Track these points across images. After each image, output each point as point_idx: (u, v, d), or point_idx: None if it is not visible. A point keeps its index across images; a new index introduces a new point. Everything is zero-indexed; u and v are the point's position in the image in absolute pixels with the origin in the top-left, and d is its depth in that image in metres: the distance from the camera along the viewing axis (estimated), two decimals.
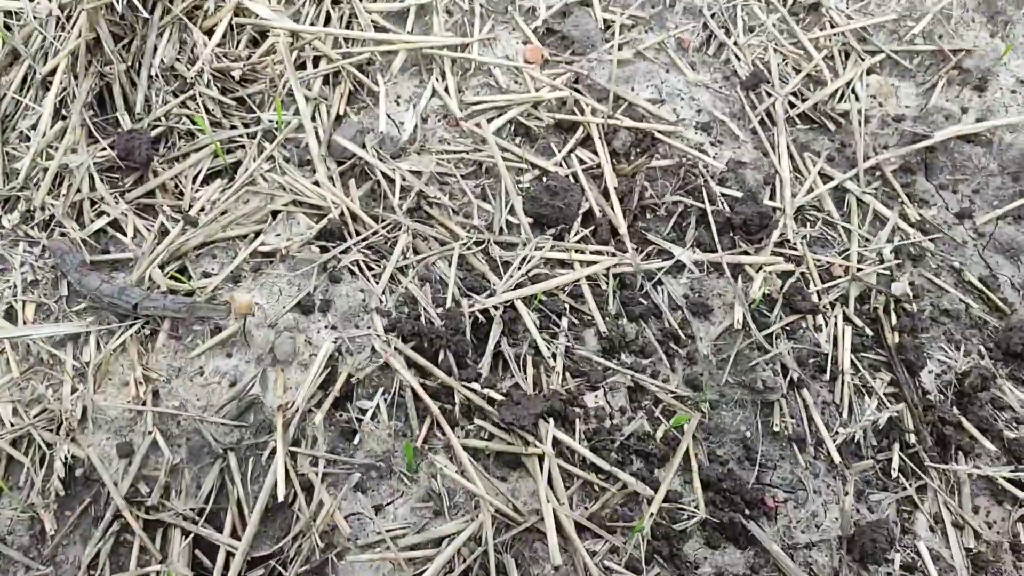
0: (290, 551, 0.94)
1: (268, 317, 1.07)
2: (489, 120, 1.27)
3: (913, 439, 1.08)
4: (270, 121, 1.23)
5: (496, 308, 1.10)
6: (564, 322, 1.12)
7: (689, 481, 1.03)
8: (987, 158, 1.32)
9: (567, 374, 1.09)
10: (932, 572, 1.00)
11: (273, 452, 0.98)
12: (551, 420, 1.03)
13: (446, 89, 1.31)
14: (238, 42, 1.30)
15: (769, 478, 1.05)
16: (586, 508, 1.00)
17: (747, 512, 1.01)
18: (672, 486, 1.03)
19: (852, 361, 1.13)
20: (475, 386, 1.05)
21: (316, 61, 1.31)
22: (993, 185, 1.30)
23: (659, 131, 1.28)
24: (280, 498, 0.94)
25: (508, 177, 1.20)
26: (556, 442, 1.03)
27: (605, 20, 1.39)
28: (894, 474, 1.06)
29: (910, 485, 1.06)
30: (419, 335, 1.06)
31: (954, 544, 1.02)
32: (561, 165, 1.25)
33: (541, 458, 1.01)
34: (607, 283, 1.15)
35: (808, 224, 1.25)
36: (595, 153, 1.26)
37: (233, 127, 1.23)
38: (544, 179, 1.22)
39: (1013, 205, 1.27)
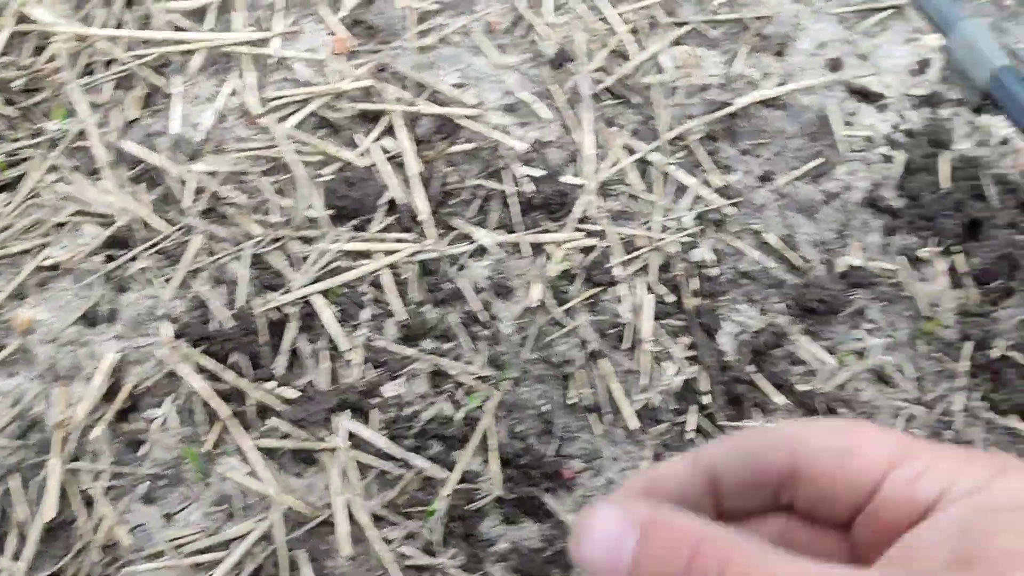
0: (72, 569, 0.94)
1: (51, 332, 1.07)
2: (289, 115, 1.28)
3: (708, 400, 1.13)
4: (55, 131, 1.21)
5: (293, 305, 1.12)
6: (365, 313, 1.14)
7: (488, 460, 1.06)
8: (786, 121, 1.38)
9: (367, 365, 1.11)
10: None
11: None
12: (346, 413, 1.05)
13: (245, 87, 1.31)
14: (22, 50, 1.28)
15: (568, 450, 1.09)
16: (384, 497, 1.03)
17: (545, 485, 1.05)
18: (471, 467, 1.06)
19: (653, 329, 1.18)
20: (269, 386, 1.06)
21: (109, 65, 1.30)
22: (792, 147, 1.36)
23: (462, 116, 1.30)
24: (52, 515, 0.94)
25: (303, 171, 1.21)
26: (353, 435, 1.05)
27: (411, 7, 1.41)
28: (691, 435, 1.11)
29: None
30: (209, 339, 1.07)
31: None
32: (365, 155, 1.27)
33: (337, 451, 1.03)
34: (410, 271, 1.18)
35: (612, 198, 1.29)
36: (399, 141, 1.28)
37: (16, 140, 1.22)
38: (344, 171, 1.23)
39: (811, 165, 1.33)
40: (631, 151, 1.33)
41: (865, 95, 1.42)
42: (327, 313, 1.11)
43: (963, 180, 1.31)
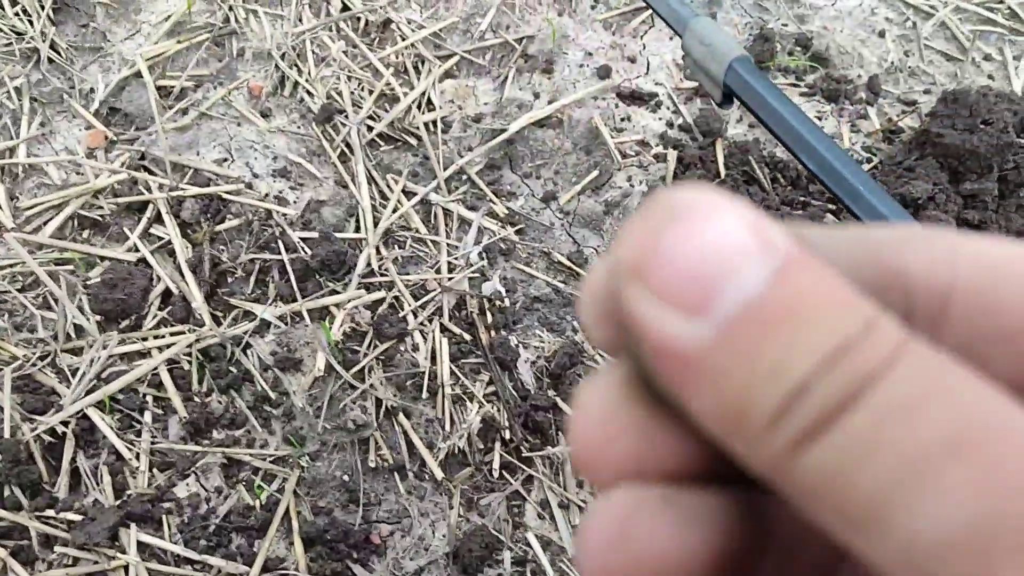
0: None
1: None
2: (46, 222, 1.27)
3: (509, 434, 1.16)
4: None
5: (66, 423, 1.10)
6: (147, 416, 1.13)
7: (293, 542, 1.07)
8: (561, 138, 1.43)
9: (154, 471, 1.10)
10: (543, 559, 1.08)
11: None
12: (134, 526, 1.04)
13: None
14: None
15: (375, 514, 1.10)
16: None
17: (354, 556, 1.06)
18: (276, 553, 1.06)
19: (452, 371, 1.20)
20: (50, 513, 1.05)
21: None
22: (570, 163, 1.41)
23: (225, 192, 1.31)
24: None
25: (59, 281, 1.20)
26: (145, 546, 1.04)
27: (162, 87, 1.41)
28: (498, 473, 1.14)
29: (515, 480, 1.14)
30: None
31: (561, 525, 1.11)
32: (132, 250, 1.26)
33: (129, 568, 1.02)
34: (190, 362, 1.17)
35: (398, 246, 1.31)
36: (167, 229, 1.28)
37: None
38: (110, 271, 1.23)
39: (589, 178, 1.39)
40: (411, 195, 1.36)
41: (637, 98, 1.48)
42: (104, 425, 1.11)
43: (736, 167, 1.38)
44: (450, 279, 1.27)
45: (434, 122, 1.43)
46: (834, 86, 1.51)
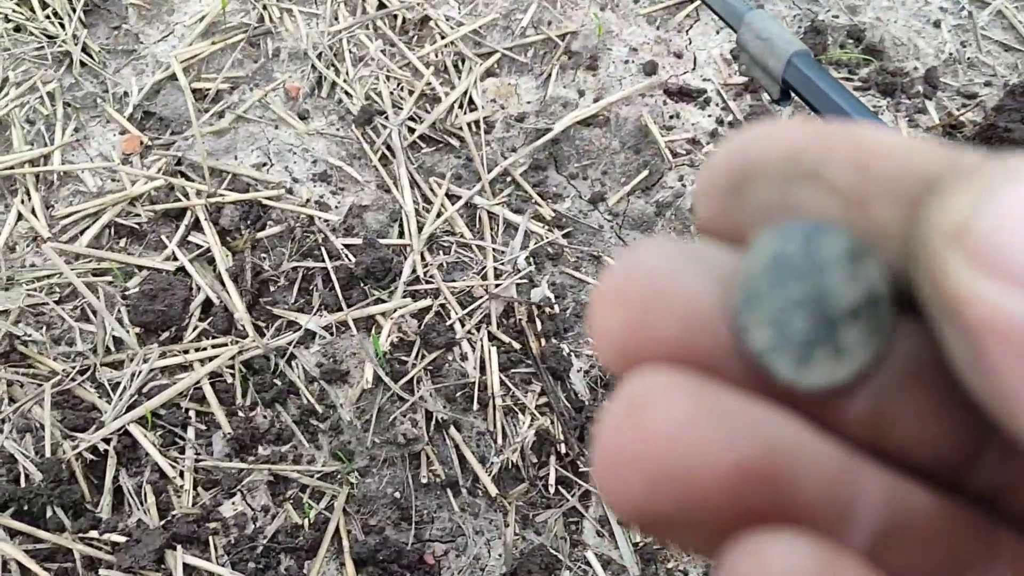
0: None
1: None
2: (83, 231, 1.23)
3: (564, 448, 1.10)
4: None
5: (108, 440, 1.06)
6: (190, 432, 1.09)
7: (344, 563, 1.02)
8: (608, 137, 1.37)
9: (199, 489, 1.06)
10: None
11: None
12: (180, 548, 1.00)
13: (32, 211, 1.25)
14: None
15: (428, 533, 1.05)
16: None
17: None
18: (326, 575, 1.01)
19: (503, 381, 1.15)
20: (94, 534, 1.00)
21: None
22: (618, 163, 1.35)
23: (266, 197, 1.26)
24: None
25: (98, 292, 1.15)
26: (192, 569, 1.00)
27: (198, 90, 1.37)
28: (554, 489, 1.09)
29: (572, 496, 1.08)
30: (16, 499, 1.00)
31: (622, 543, 1.06)
32: (171, 259, 1.22)
33: None
34: (233, 375, 1.13)
35: (442, 252, 1.26)
36: (206, 237, 1.23)
37: None
38: (148, 280, 1.18)
39: (639, 178, 1.33)
40: (455, 198, 1.31)
41: (686, 94, 1.42)
42: (147, 442, 1.06)
43: None
44: (497, 285, 1.22)
45: (476, 122, 1.37)
46: (889, 79, 1.44)
